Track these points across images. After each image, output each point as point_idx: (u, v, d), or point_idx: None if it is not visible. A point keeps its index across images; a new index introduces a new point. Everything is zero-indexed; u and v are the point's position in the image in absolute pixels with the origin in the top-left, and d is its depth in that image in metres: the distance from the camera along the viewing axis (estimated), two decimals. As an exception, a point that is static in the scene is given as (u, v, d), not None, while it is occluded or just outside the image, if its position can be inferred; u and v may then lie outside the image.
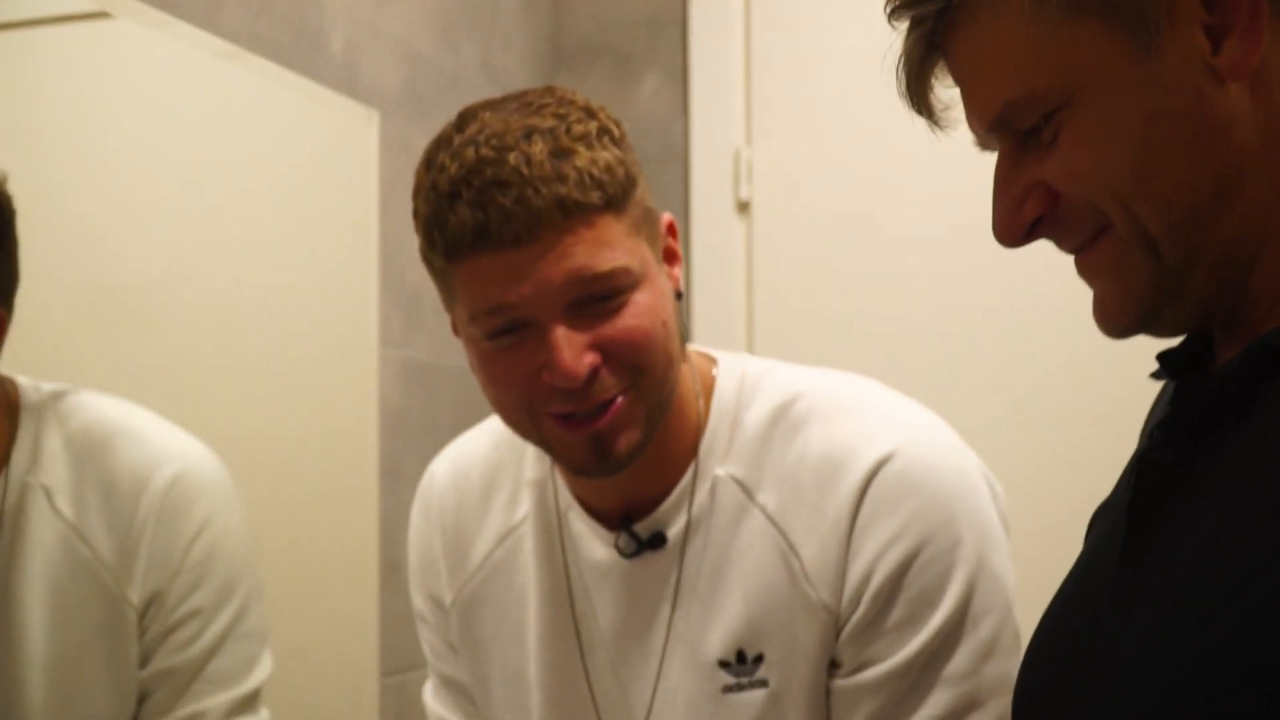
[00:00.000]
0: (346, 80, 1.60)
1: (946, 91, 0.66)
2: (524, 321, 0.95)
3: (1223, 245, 0.60)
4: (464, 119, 0.97)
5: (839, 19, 1.96)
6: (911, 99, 0.66)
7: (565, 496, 1.09)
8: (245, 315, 1.48)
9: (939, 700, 0.98)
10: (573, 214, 0.92)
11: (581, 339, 0.96)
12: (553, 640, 1.11)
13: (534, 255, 0.93)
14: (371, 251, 1.61)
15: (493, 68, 1.96)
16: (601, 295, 0.95)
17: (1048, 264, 0.95)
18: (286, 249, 1.55)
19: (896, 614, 1.00)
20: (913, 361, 1.90)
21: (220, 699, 1.18)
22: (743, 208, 2.01)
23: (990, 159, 0.83)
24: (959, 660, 0.99)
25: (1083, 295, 0.82)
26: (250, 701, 1.20)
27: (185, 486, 1.15)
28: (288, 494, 1.51)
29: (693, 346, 1.13)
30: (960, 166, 1.68)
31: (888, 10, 0.63)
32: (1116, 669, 0.58)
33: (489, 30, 1.97)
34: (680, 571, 1.06)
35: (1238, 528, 0.53)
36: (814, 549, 1.02)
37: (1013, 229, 0.64)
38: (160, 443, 1.17)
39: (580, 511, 1.08)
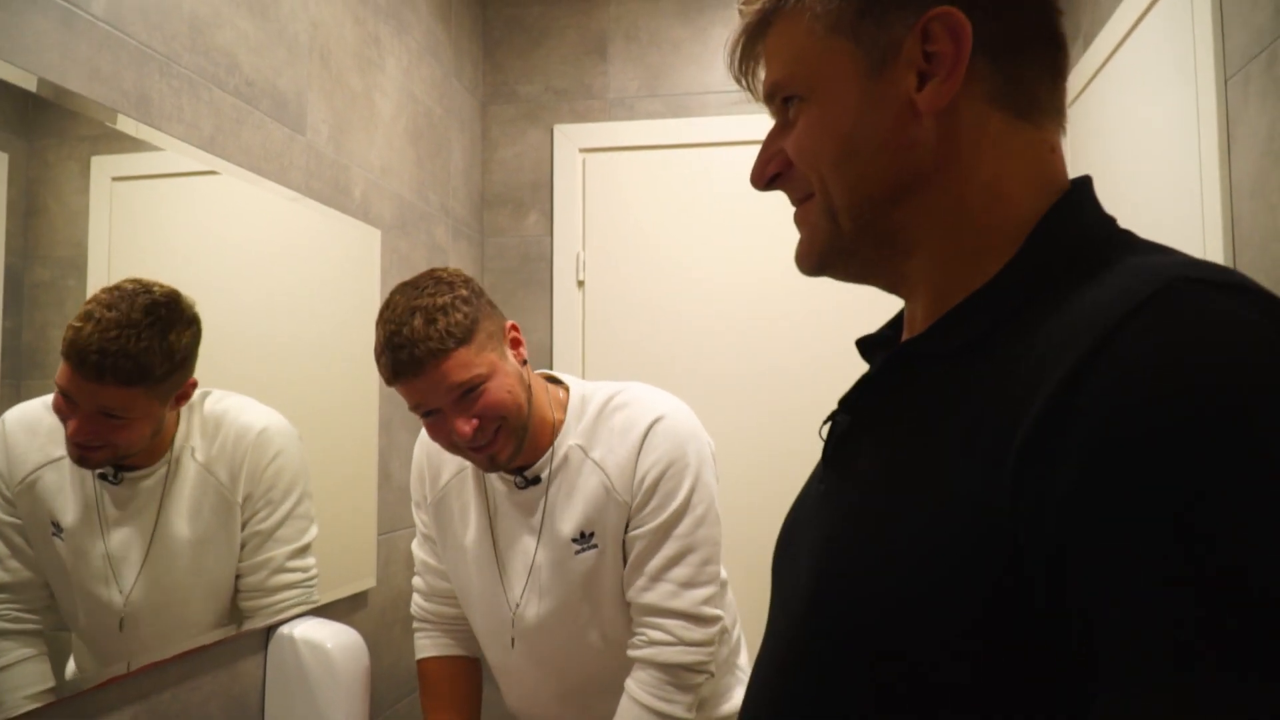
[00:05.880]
0: (363, 213, 1.96)
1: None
2: (433, 410, 1.31)
3: (889, 230, 0.64)
4: (389, 297, 1.31)
5: (633, 182, 2.62)
6: (740, 68, 0.71)
7: None
8: (307, 343, 1.74)
9: (671, 545, 1.36)
10: (438, 355, 1.25)
11: (464, 415, 1.28)
12: (479, 529, 1.46)
13: (425, 381, 1.27)
14: (375, 307, 1.88)
15: (446, 207, 2.43)
16: (468, 390, 1.28)
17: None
18: (330, 307, 1.82)
19: (654, 503, 1.36)
20: (677, 376, 2.44)
21: (285, 549, 1.54)
22: (580, 285, 2.63)
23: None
24: (683, 526, 1.35)
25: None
26: (303, 551, 1.58)
27: (267, 435, 1.49)
28: (327, 439, 1.78)
29: (561, 374, 1.50)
30: (704, 261, 2.47)
31: (740, 2, 0.69)
32: (814, 528, 0.68)
33: (445, 187, 2.43)
34: (546, 496, 1.42)
35: (873, 459, 0.63)
36: (616, 474, 1.38)
37: (758, 178, 0.70)
38: (253, 412, 1.48)
39: None
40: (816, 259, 0.69)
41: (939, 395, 0.59)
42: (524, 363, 1.38)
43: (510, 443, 1.33)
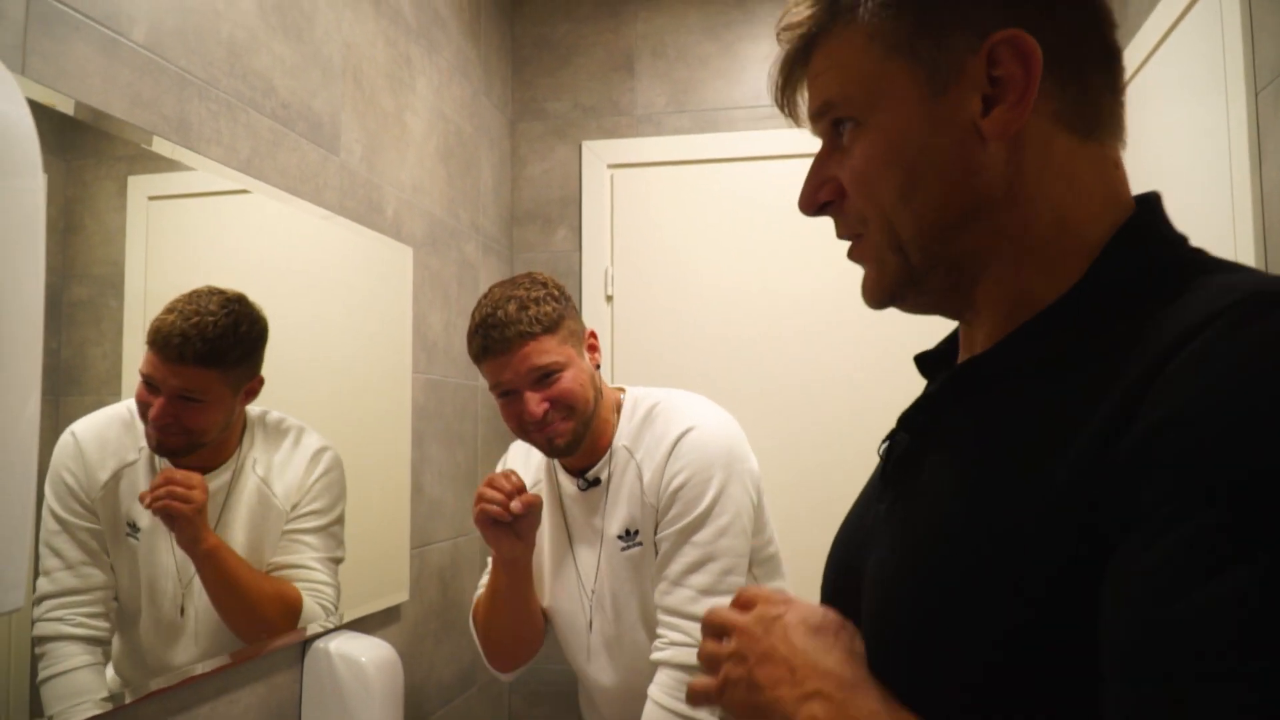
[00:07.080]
0: (395, 231, 1.98)
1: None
2: (512, 390, 1.40)
3: (957, 258, 0.62)
4: (488, 290, 1.44)
5: (661, 198, 2.66)
6: (781, 98, 0.69)
7: (557, 464, 1.57)
8: (341, 358, 1.77)
9: (690, 551, 1.40)
10: (525, 337, 1.36)
11: (538, 397, 1.38)
12: (554, 528, 1.56)
13: (510, 359, 1.37)
14: (408, 323, 2.01)
15: (477, 224, 2.47)
16: (546, 374, 1.38)
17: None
18: (364, 322, 1.86)
19: (675, 509, 1.41)
20: (705, 391, 2.11)
21: (320, 555, 1.60)
22: (609, 299, 2.66)
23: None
24: (704, 534, 1.39)
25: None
26: (336, 562, 1.64)
27: (323, 454, 1.59)
28: (360, 455, 1.81)
29: (618, 383, 1.58)
30: (732, 276, 2.47)
31: (778, 29, 0.67)
32: (878, 546, 0.66)
33: (475, 204, 2.46)
34: (605, 496, 1.49)
35: (943, 474, 0.61)
36: (649, 478, 1.45)
37: (808, 204, 0.67)
38: (313, 434, 1.58)
39: (563, 470, 1.56)
40: (886, 293, 0.66)
41: (1008, 412, 0.58)
42: (597, 367, 1.47)
43: (572, 426, 1.40)
